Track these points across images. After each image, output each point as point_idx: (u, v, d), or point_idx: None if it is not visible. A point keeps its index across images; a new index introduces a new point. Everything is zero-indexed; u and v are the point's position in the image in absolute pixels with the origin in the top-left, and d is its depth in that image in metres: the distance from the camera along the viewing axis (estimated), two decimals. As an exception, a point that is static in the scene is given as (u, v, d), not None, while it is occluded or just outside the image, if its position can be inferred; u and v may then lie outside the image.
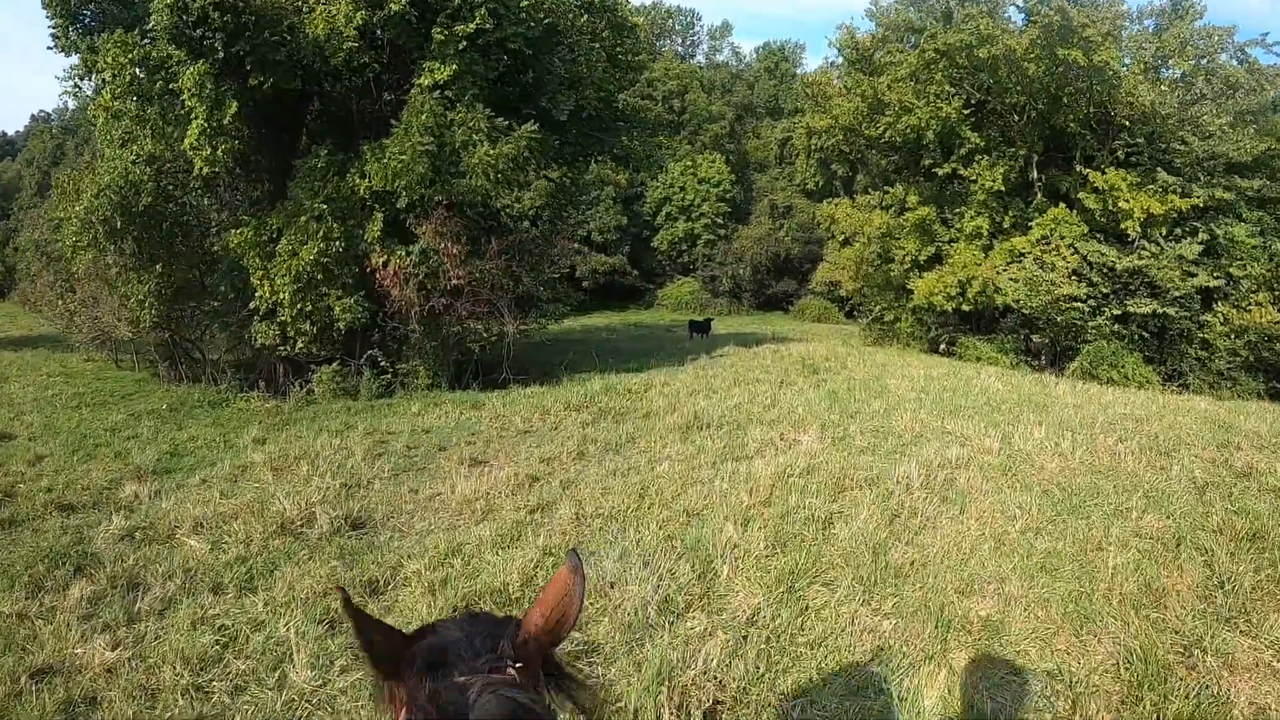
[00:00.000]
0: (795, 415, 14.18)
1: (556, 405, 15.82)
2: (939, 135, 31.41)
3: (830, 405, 15.21)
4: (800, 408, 14.88)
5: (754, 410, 14.74)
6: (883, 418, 14.10)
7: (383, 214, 19.36)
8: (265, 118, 21.52)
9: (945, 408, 15.08)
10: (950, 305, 30.69)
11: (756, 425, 13.35)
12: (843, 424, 13.48)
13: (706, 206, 64.78)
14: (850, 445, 12.06)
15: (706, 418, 13.97)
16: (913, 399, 16.17)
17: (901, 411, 14.56)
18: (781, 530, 8.18)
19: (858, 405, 15.30)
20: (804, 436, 12.37)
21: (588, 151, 24.74)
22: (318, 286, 19.52)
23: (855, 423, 13.56)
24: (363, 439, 13.94)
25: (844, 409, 14.83)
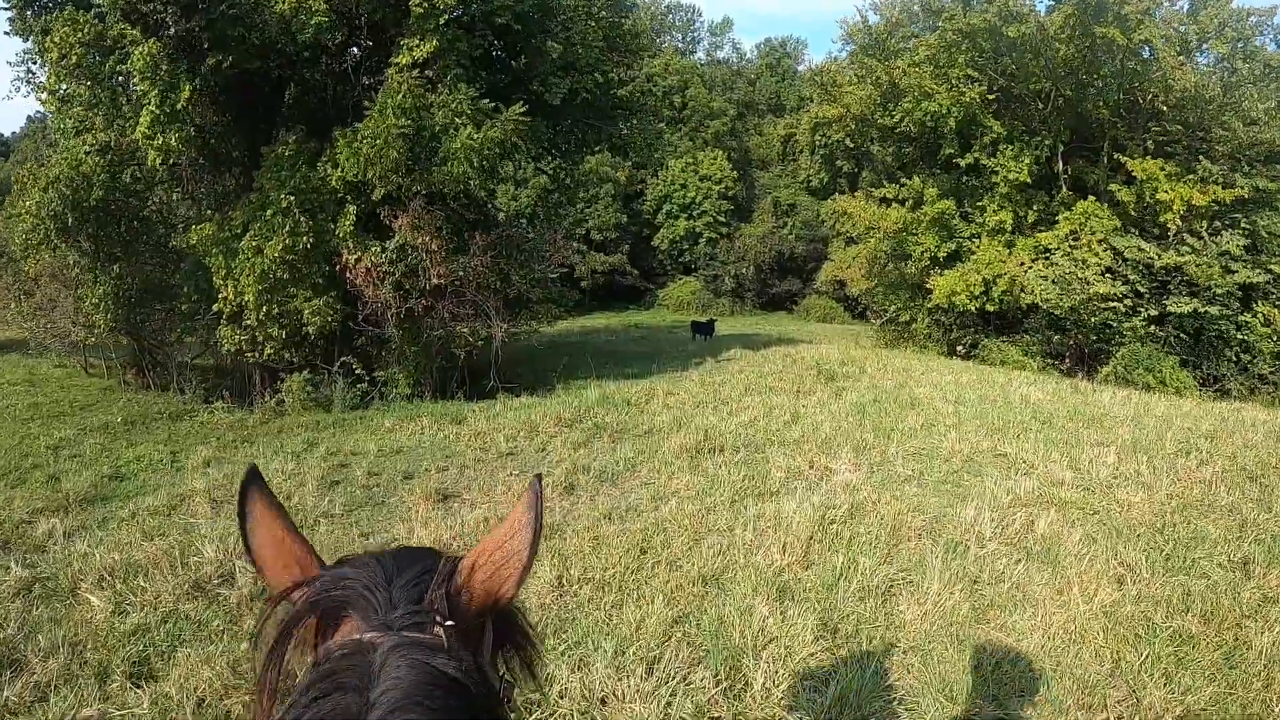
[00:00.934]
0: (821, 435, 12.30)
1: (546, 420, 13.94)
2: (960, 123, 29.40)
3: (859, 421, 13.35)
4: (826, 424, 13.00)
5: (773, 428, 12.86)
6: (923, 436, 12.27)
7: (356, 207, 17.48)
8: (235, 105, 19.99)
9: (990, 424, 13.26)
10: (974, 305, 28.60)
11: (778, 448, 11.48)
12: (878, 445, 11.62)
13: (708, 204, 63.07)
14: (893, 475, 10.22)
15: (718, 438, 12.06)
16: (949, 412, 14.32)
17: (941, 428, 12.78)
18: (830, 608, 6.26)
19: (890, 421, 13.46)
20: (837, 464, 10.49)
21: (584, 141, 22.85)
22: (285, 287, 17.70)
23: (893, 444, 11.69)
24: (321, 462, 12.10)
25: (876, 426, 12.97)
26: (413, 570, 1.43)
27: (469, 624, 1.42)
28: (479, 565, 1.47)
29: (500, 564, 1.47)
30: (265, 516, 1.55)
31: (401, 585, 1.39)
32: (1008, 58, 28.31)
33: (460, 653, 1.32)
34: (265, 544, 1.53)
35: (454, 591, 1.42)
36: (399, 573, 1.42)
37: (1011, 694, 5.26)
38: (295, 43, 17.68)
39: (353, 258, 17.36)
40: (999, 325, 30.71)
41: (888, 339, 34.04)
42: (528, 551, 1.47)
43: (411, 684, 1.20)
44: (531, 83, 19.93)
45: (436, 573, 1.43)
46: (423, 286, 17.75)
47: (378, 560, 1.45)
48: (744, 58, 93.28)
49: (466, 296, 18.50)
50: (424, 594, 1.39)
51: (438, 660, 1.26)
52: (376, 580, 1.39)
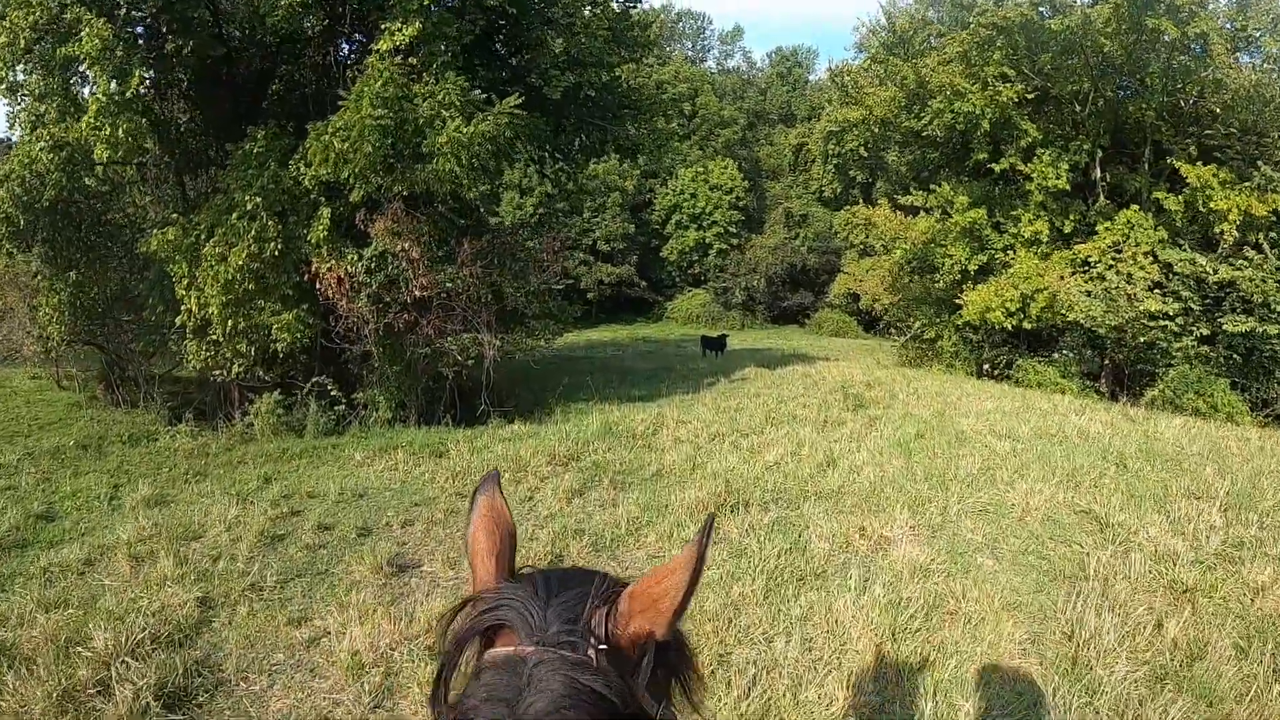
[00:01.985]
0: (865, 483, 10.31)
1: (538, 458, 12.00)
2: (994, 125, 27.25)
3: (906, 463, 11.39)
4: (867, 469, 11.01)
5: (804, 472, 10.87)
6: (984, 486, 10.32)
7: (332, 210, 15.55)
8: (213, 100, 18.39)
9: (1057, 468, 11.30)
10: (1009, 323, 26.47)
11: (816, 503, 9.49)
12: (937, 499, 9.65)
13: (719, 214, 61.29)
14: (962, 542, 8.27)
15: (742, 487, 10.04)
16: (1006, 452, 12.37)
17: (1004, 474, 10.85)
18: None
19: (941, 463, 11.51)
20: (892, 528, 8.50)
21: (589, 143, 20.92)
22: (253, 299, 15.83)
23: (951, 497, 9.72)
24: (270, 509, 10.18)
25: (927, 470, 11.00)
26: (572, 591, 1.51)
27: (623, 649, 1.47)
28: (637, 595, 1.51)
29: (658, 598, 1.49)
30: (485, 524, 1.65)
31: (558, 605, 1.47)
32: (1045, 55, 26.19)
33: (609, 673, 1.39)
34: (477, 551, 1.63)
35: (609, 616, 1.47)
36: (560, 591, 1.51)
37: None
38: (264, 27, 15.94)
39: (324, 266, 15.44)
40: (1032, 343, 28.58)
41: (911, 357, 31.91)
42: (683, 591, 1.48)
43: (557, 696, 1.31)
44: (530, 76, 18.08)
45: (593, 596, 1.49)
46: (404, 299, 15.82)
47: (544, 577, 1.56)
48: (754, 66, 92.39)
49: (456, 311, 16.57)
50: (579, 615, 1.45)
51: (584, 676, 1.35)
52: (536, 598, 1.48)
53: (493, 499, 1.69)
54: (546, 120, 17.91)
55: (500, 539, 1.64)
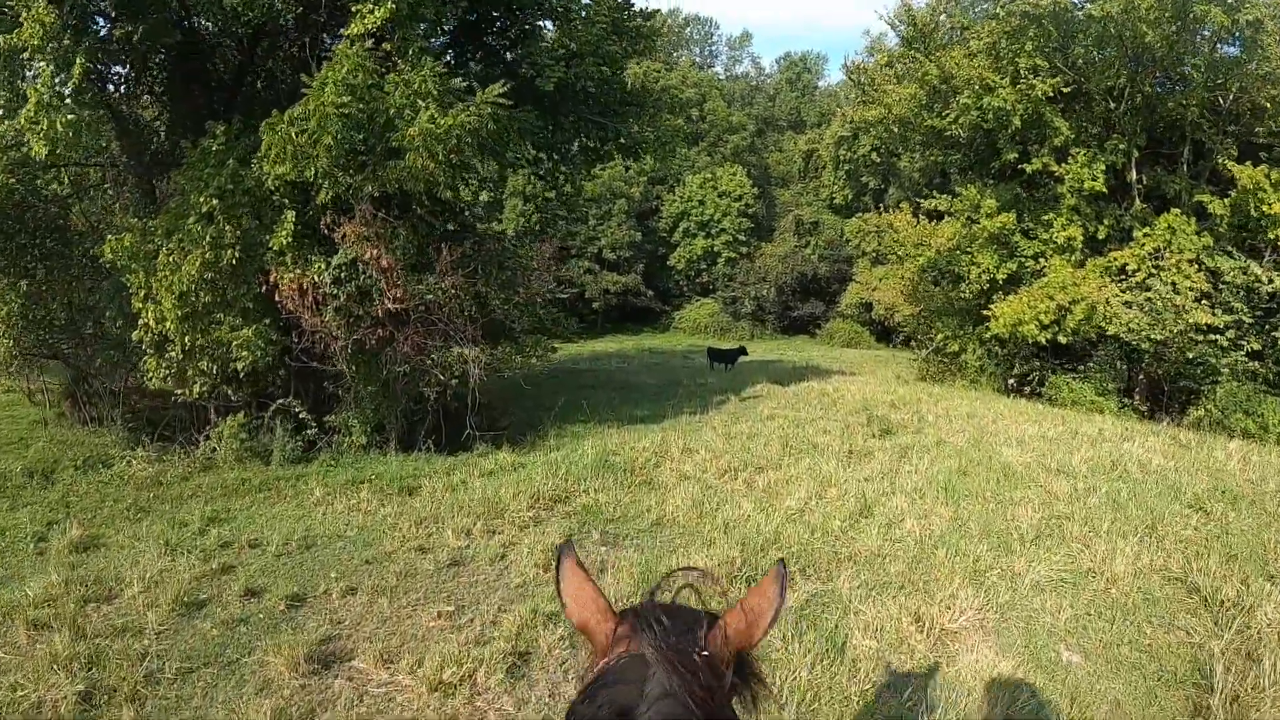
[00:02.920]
0: (910, 542, 8.56)
1: (520, 499, 10.30)
2: (1026, 122, 25.25)
3: (953, 511, 9.64)
4: (910, 520, 9.23)
5: (835, 525, 9.09)
6: (1054, 543, 8.64)
7: (296, 212, 13.87)
8: (185, 96, 16.99)
9: (1131, 517, 9.59)
10: (1044, 336, 24.46)
11: (853, 572, 7.76)
12: (999, 565, 7.91)
13: (727, 222, 59.57)
14: (1046, 635, 6.56)
15: (760, 546, 8.30)
16: (1066, 494, 10.64)
17: (1071, 527, 9.17)
18: None
19: (994, 510, 9.79)
20: (954, 616, 6.73)
21: (589, 141, 19.21)
22: (211, 312, 14.20)
23: (1019, 562, 7.97)
24: (201, 563, 8.67)
25: (981, 522, 9.25)
26: (683, 615, 1.95)
27: (718, 661, 1.87)
28: (730, 621, 1.94)
29: (750, 625, 1.94)
30: (574, 579, 2.09)
31: (676, 622, 1.88)
32: (1078, 46, 24.32)
33: (709, 675, 1.81)
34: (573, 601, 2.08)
35: (711, 635, 1.89)
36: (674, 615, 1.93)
37: None
38: (232, 16, 14.37)
39: (287, 275, 13.75)
40: (1062, 357, 26.66)
41: (932, 372, 29.96)
42: (769, 618, 1.95)
43: (671, 684, 1.71)
44: (521, 66, 16.43)
45: (700, 619, 1.93)
46: (375, 313, 14.12)
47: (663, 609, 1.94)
48: (763, 72, 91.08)
49: (437, 325, 14.87)
50: (691, 631, 1.88)
51: (695, 675, 1.75)
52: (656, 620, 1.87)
53: (575, 557, 2.10)
54: (540, 115, 16.21)
55: (594, 581, 2.08)
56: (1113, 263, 24.64)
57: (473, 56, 18.62)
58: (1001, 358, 27.33)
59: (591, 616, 2.00)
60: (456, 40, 18.54)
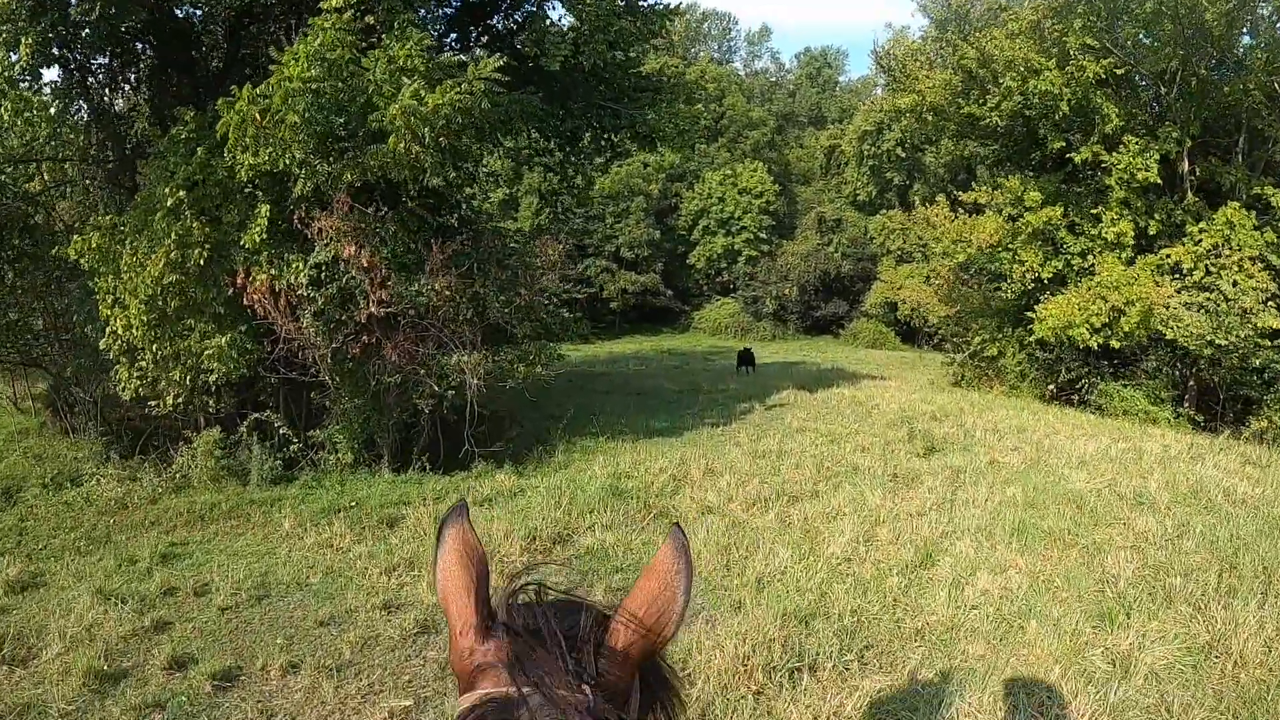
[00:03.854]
0: (988, 609, 6.93)
1: (513, 539, 8.80)
2: (1074, 108, 23.40)
3: (1032, 564, 8.01)
4: (984, 574, 7.56)
5: (891, 582, 7.49)
6: (1158, 606, 7.01)
7: (270, 206, 12.38)
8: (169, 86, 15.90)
9: (1238, 563, 7.98)
10: (1095, 340, 22.59)
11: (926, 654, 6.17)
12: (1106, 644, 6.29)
13: (748, 219, 57.85)
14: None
15: (804, 617, 6.66)
16: (1152, 531, 9.01)
17: (1173, 577, 7.54)
18: None
19: (1079, 561, 8.15)
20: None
21: (600, 128, 17.68)
22: (181, 317, 12.79)
23: (1126, 637, 6.34)
24: (136, 615, 7.53)
25: (1072, 582, 7.56)
26: (565, 621, 1.44)
27: (615, 681, 1.40)
28: (627, 623, 1.44)
29: (652, 621, 1.43)
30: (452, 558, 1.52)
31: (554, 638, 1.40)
32: (1129, 26, 22.52)
33: (609, 710, 1.36)
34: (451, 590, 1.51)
35: (602, 651, 1.41)
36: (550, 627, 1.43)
37: None
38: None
39: (262, 275, 12.26)
40: (1108, 362, 24.89)
41: (969, 377, 28.17)
42: (677, 608, 1.45)
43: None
44: (519, 40, 14.99)
45: (582, 632, 1.44)
46: (358, 318, 12.60)
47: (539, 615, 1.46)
48: (783, 68, 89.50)
49: (430, 331, 13.35)
50: (574, 649, 1.39)
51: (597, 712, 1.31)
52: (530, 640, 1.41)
53: (463, 531, 1.55)
54: (546, 99, 14.69)
55: (475, 575, 1.50)
56: (1164, 260, 22.88)
57: (477, 41, 17.25)
58: (1043, 363, 25.53)
59: (457, 619, 1.44)
60: (459, 24, 17.14)
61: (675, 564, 1.45)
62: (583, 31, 15.34)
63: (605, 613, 1.48)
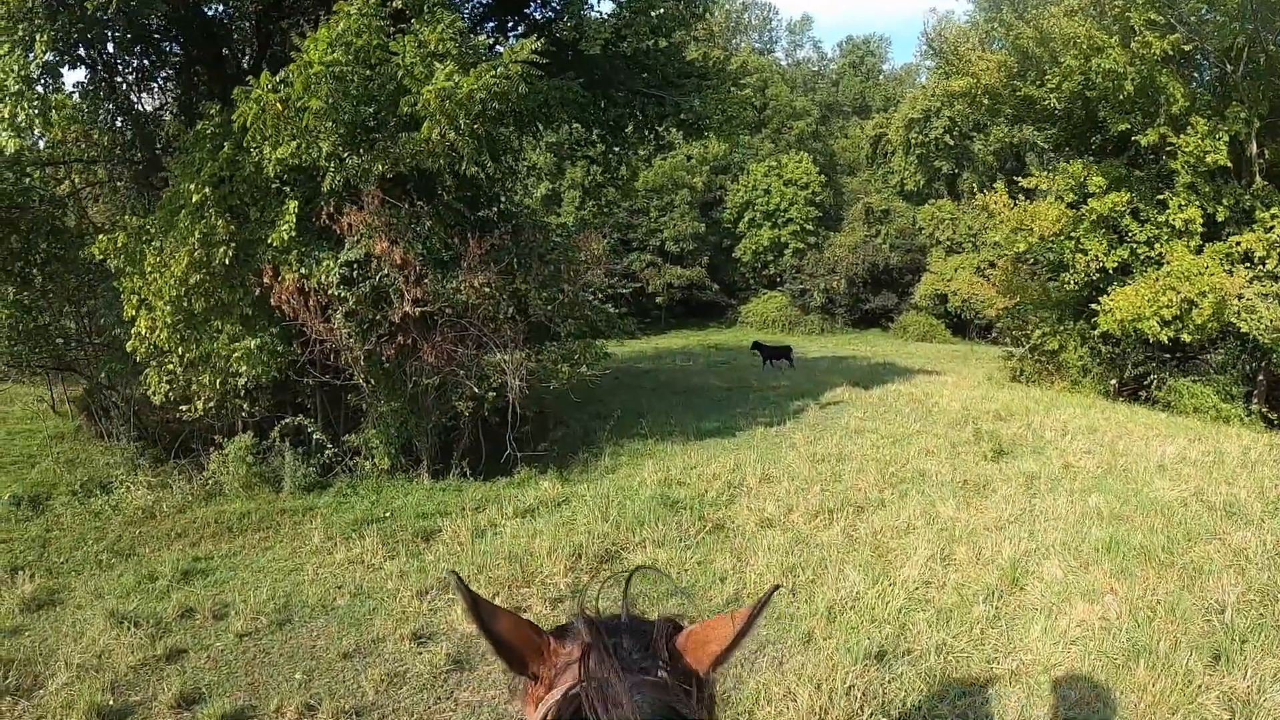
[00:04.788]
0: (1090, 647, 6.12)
1: (557, 558, 8.09)
2: (1139, 88, 22.03)
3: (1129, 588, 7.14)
4: (1079, 605, 6.72)
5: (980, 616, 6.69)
6: (1275, 641, 6.15)
7: (299, 202, 11.77)
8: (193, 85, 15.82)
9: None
10: (1166, 333, 21.34)
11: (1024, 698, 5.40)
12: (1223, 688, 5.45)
13: (794, 211, 56.78)
14: None
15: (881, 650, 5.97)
16: (1254, 549, 8.08)
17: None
18: None
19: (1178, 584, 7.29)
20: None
21: (644, 117, 16.95)
22: (208, 319, 12.24)
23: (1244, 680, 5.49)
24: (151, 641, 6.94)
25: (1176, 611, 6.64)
26: (641, 627, 1.67)
27: (682, 675, 1.61)
28: (692, 636, 1.68)
29: (707, 642, 1.66)
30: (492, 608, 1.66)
31: (633, 636, 1.61)
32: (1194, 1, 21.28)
33: (682, 695, 1.54)
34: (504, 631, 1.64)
35: (674, 648, 1.64)
36: (630, 627, 1.67)
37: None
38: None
39: (291, 274, 11.66)
40: (1174, 356, 23.70)
41: (1028, 372, 27.00)
42: (728, 643, 1.64)
43: (650, 709, 1.45)
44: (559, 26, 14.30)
45: (655, 631, 1.65)
46: (392, 318, 11.96)
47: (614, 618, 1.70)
48: (825, 58, 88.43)
49: (469, 330, 12.68)
50: (649, 644, 1.61)
51: (668, 697, 1.50)
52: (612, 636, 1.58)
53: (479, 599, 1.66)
54: (586, 85, 13.97)
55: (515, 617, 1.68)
56: (1234, 249, 21.71)
57: (513, 31, 16.65)
58: (1106, 357, 24.41)
59: (528, 648, 1.62)
60: (495, 13, 16.52)
61: (745, 614, 1.63)
62: (624, 15, 14.67)
63: (677, 621, 1.70)
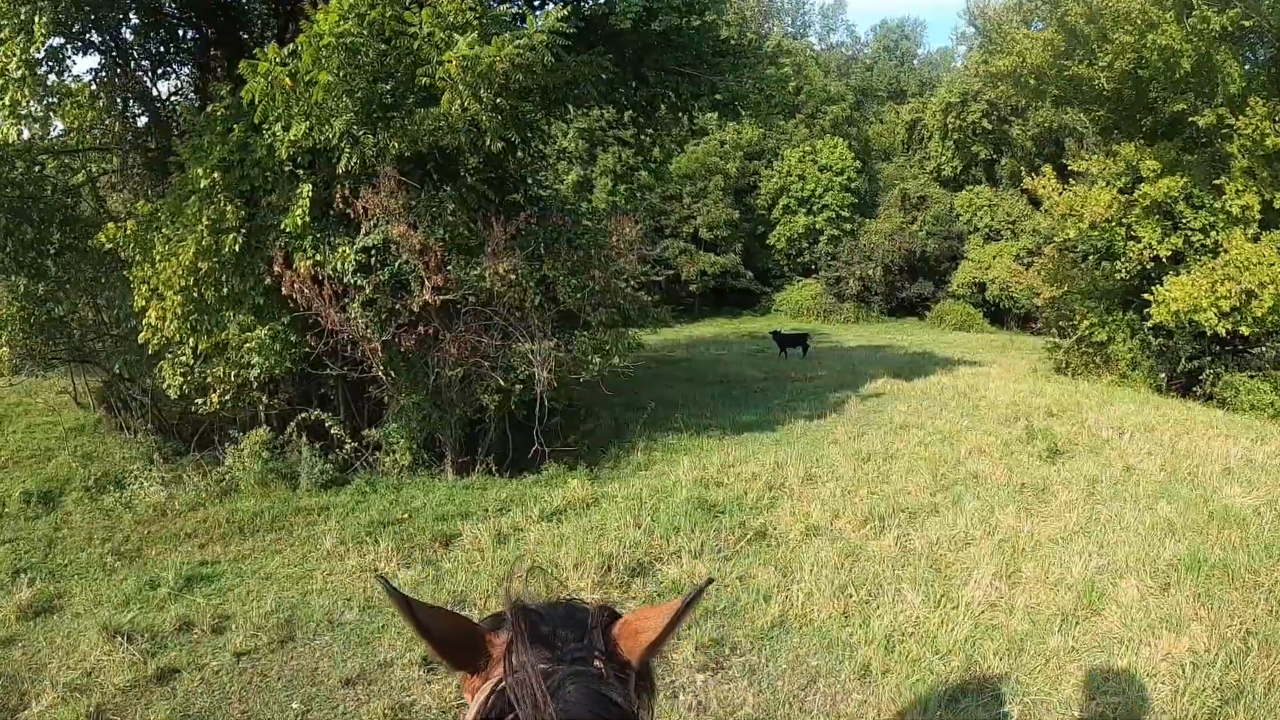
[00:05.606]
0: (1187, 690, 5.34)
1: (585, 570, 7.43)
2: (1195, 66, 20.58)
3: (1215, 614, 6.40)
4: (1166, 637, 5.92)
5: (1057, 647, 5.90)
6: None
7: (313, 185, 11.13)
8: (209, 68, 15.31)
9: None
10: (1224, 325, 20.22)
11: None
12: None
13: (829, 197, 55.74)
14: None
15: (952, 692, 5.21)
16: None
17: None
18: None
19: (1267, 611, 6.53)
20: None
21: (678, 97, 16.19)
22: (220, 309, 11.67)
23: None
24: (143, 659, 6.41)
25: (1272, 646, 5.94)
26: (576, 615, 1.60)
27: (619, 665, 1.54)
28: (625, 624, 1.60)
29: (639, 631, 1.58)
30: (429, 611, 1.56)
31: (567, 624, 1.55)
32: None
33: (618, 685, 1.49)
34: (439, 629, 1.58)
35: (610, 636, 1.57)
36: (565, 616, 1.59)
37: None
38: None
39: (305, 262, 11.04)
40: (1227, 350, 22.62)
41: (1074, 364, 25.87)
42: (659, 632, 1.57)
43: (585, 701, 1.39)
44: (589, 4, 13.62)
45: (592, 619, 1.59)
46: (411, 307, 11.31)
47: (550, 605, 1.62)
48: (859, 42, 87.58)
49: (495, 320, 12.01)
50: (584, 634, 1.54)
51: (603, 687, 1.44)
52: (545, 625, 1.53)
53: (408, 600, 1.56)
54: (613, 59, 13.22)
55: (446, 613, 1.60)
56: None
57: (540, 7, 15.95)
58: (1156, 349, 23.32)
59: (467, 645, 1.55)
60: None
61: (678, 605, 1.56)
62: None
63: (613, 611, 1.64)
